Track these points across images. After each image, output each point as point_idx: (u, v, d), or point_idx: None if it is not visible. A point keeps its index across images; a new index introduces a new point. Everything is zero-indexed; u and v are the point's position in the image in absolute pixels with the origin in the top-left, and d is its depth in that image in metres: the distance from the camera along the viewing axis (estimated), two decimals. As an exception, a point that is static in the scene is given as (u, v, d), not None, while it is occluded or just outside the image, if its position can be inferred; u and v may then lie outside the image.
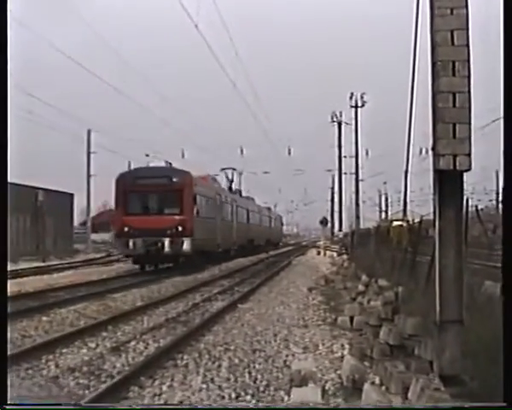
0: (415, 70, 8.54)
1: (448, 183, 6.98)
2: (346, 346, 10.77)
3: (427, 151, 43.24)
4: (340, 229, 61.72)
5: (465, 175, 7.03)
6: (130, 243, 29.34)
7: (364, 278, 20.27)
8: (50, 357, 10.21)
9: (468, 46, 6.89)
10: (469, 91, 6.87)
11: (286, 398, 7.84)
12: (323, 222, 56.94)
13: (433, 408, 6.05)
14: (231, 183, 48.73)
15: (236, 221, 43.70)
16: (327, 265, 35.87)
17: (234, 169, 50.40)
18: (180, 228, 29.53)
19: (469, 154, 6.80)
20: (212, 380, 8.74)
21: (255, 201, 58.63)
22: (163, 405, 7.80)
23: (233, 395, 8.05)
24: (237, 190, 50.28)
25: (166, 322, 14.02)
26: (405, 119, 9.93)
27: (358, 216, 50.22)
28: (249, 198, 55.14)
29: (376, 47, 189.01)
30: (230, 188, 47.65)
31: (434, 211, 7.29)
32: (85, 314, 15.14)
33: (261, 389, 8.33)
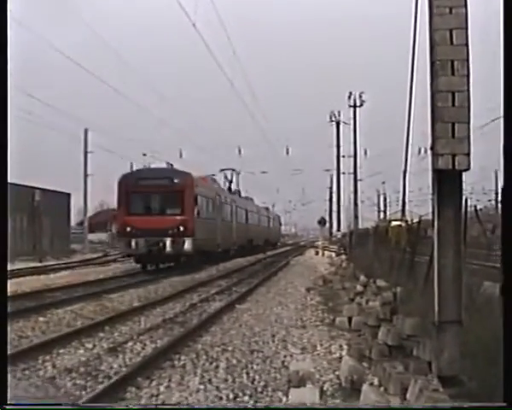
0: (413, 69, 8.54)
1: (447, 183, 6.98)
2: (345, 346, 10.77)
3: (425, 151, 43.30)
4: (339, 229, 61.82)
5: (464, 175, 7.03)
6: (132, 243, 29.78)
7: (363, 279, 20.29)
8: (47, 358, 10.21)
9: (467, 45, 6.89)
10: (468, 91, 6.87)
11: (284, 399, 7.84)
12: (322, 222, 56.97)
13: (432, 408, 6.05)
14: (230, 183, 49.24)
15: (236, 221, 44.16)
16: (325, 265, 35.88)
17: (233, 170, 51.06)
18: (181, 228, 29.99)
19: (468, 153, 6.80)
20: (210, 381, 8.74)
21: (254, 201, 59.09)
22: (163, 405, 7.80)
23: (231, 396, 8.05)
24: (236, 191, 50.76)
25: (164, 322, 14.02)
26: (404, 118, 9.93)
27: (357, 216, 50.13)
28: (248, 198, 55.56)
29: (375, 46, 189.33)
30: (230, 188, 48.12)
31: (433, 211, 7.29)
32: (82, 315, 15.13)
33: (259, 390, 8.33)
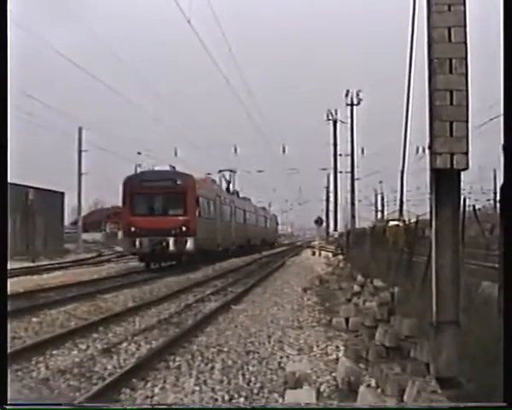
0: (411, 67, 8.53)
1: (445, 182, 6.98)
2: (342, 347, 10.77)
3: (423, 150, 43.27)
4: (336, 229, 61.70)
5: (462, 174, 7.03)
6: (136, 242, 31.14)
7: (360, 279, 20.30)
8: (40, 359, 10.18)
9: (466, 43, 6.89)
10: (467, 89, 6.87)
11: (280, 400, 7.83)
12: (318, 222, 56.98)
13: (429, 409, 6.05)
14: (229, 184, 50.47)
15: (235, 222, 45.25)
16: (322, 265, 35.89)
17: (231, 171, 52.20)
18: (184, 228, 31.35)
19: (467, 152, 6.81)
20: (205, 382, 8.73)
21: (251, 201, 59.89)
22: (162, 405, 7.79)
23: (226, 398, 8.04)
24: (235, 191, 51.77)
25: (158, 323, 13.99)
26: (401, 117, 9.92)
27: (354, 216, 50.14)
28: (246, 199, 56.33)
29: (372, 44, 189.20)
30: (228, 189, 49.27)
31: (431, 211, 7.30)
32: (76, 315, 15.10)
33: (255, 392, 8.32)
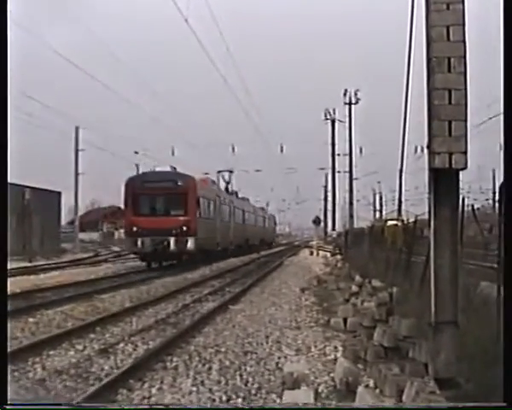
0: (410, 67, 8.53)
1: (443, 182, 6.99)
2: (340, 348, 10.77)
3: (422, 149, 43.24)
4: (334, 228, 61.73)
5: (461, 174, 7.04)
6: (138, 242, 31.93)
7: (358, 279, 20.29)
8: (37, 359, 10.16)
9: (465, 42, 6.89)
10: (465, 88, 6.87)
11: (278, 401, 7.83)
12: (316, 221, 57.00)
13: (428, 409, 6.06)
14: (228, 184, 51.35)
15: (234, 222, 45.97)
16: (320, 265, 35.88)
17: (230, 171, 53.23)
18: (185, 228, 32.22)
19: (465, 152, 6.81)
20: (203, 383, 8.72)
21: (250, 201, 60.31)
22: (162, 405, 7.79)
23: (224, 398, 8.04)
24: (234, 192, 52.48)
25: (156, 323, 13.99)
26: (400, 116, 9.91)
27: (352, 215, 50.21)
28: (244, 199, 56.90)
29: (371, 43, 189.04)
30: (227, 189, 50.10)
31: (429, 210, 7.30)
32: (73, 316, 15.08)
33: (253, 392, 8.32)
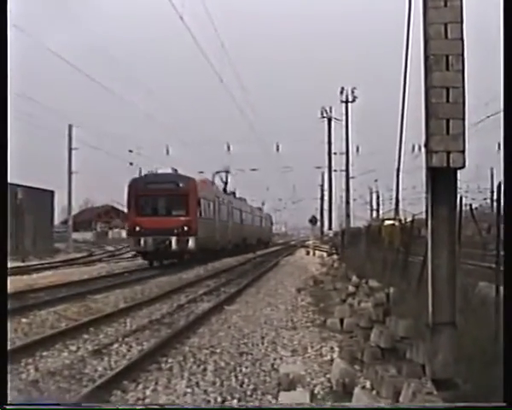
0: (407, 64, 8.55)
1: (441, 181, 6.99)
2: (336, 349, 10.78)
3: (419, 148, 43.35)
4: (330, 228, 61.72)
5: (459, 173, 7.04)
6: (141, 241, 33.37)
7: (355, 279, 20.30)
8: (30, 360, 10.14)
9: (463, 40, 6.89)
10: (463, 86, 6.88)
11: (274, 402, 7.83)
12: (313, 221, 57.09)
13: (425, 409, 6.07)
14: (226, 185, 53.05)
15: (232, 221, 47.31)
16: (316, 265, 35.89)
17: (227, 172, 55.01)
18: (186, 228, 33.56)
19: (463, 151, 6.81)
20: (198, 384, 8.72)
21: (247, 201, 61.23)
22: (162, 405, 7.81)
23: (219, 400, 8.03)
24: (231, 192, 53.78)
25: (150, 324, 13.98)
26: (397, 114, 9.92)
27: (349, 215, 50.13)
28: (242, 199, 57.88)
29: (368, 42, 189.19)
30: (225, 190, 51.56)
31: (427, 210, 7.30)
32: (66, 316, 15.06)
33: (248, 394, 8.32)
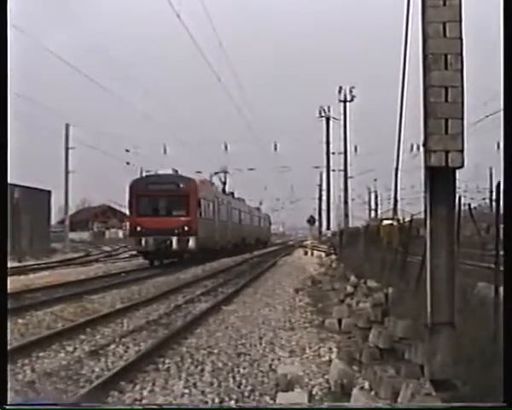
0: (406, 63, 8.54)
1: (440, 180, 6.99)
2: (334, 349, 10.78)
3: (418, 147, 43.30)
4: (328, 228, 61.72)
5: (457, 172, 7.04)
6: (142, 241, 34.17)
7: (353, 279, 20.29)
8: (26, 361, 10.13)
9: (461, 39, 6.89)
10: (462, 86, 6.88)
11: (271, 403, 7.82)
12: (311, 221, 57.10)
13: (423, 409, 6.07)
14: (224, 185, 54.71)
15: (231, 221, 48.14)
16: (314, 265, 35.89)
17: (226, 172, 56.82)
18: (186, 228, 34.45)
19: (462, 150, 6.81)
20: (195, 385, 8.72)
21: (245, 202, 61.86)
22: (163, 405, 7.81)
23: (216, 401, 8.03)
24: (230, 193, 54.78)
25: (147, 324, 13.97)
26: (396, 114, 9.91)
27: (347, 215, 50.16)
28: (240, 199, 58.46)
29: (366, 40, 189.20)
30: (224, 190, 52.97)
31: (425, 209, 7.30)
32: (63, 317, 15.05)
33: (246, 394, 8.31)
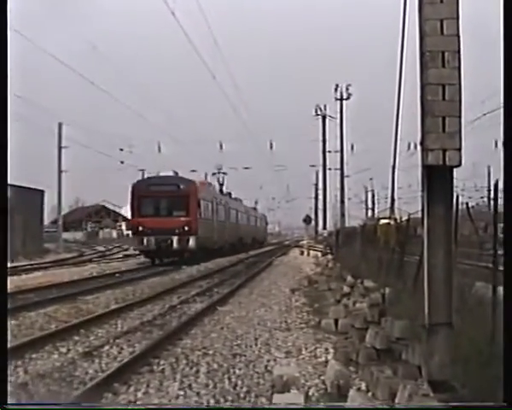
0: (402, 61, 8.54)
1: (437, 179, 6.99)
2: (331, 350, 10.78)
3: (415, 146, 43.32)
4: (325, 227, 61.81)
5: (455, 171, 7.04)
6: (144, 241, 36.00)
7: (350, 279, 20.31)
8: (19, 363, 10.10)
9: (459, 36, 6.89)
10: (460, 83, 6.88)
11: (267, 405, 7.82)
12: (307, 220, 57.15)
13: (423, 409, 6.08)
14: (222, 186, 56.47)
15: (228, 222, 49.50)
16: (310, 265, 35.91)
17: (224, 173, 58.82)
18: (186, 228, 36.17)
19: (459, 148, 6.81)
20: (190, 386, 8.71)
21: (242, 202, 62.82)
22: (163, 405, 7.81)
23: (212, 402, 8.02)
24: (228, 193, 56.14)
25: (142, 325, 13.97)
26: (392, 112, 9.91)
27: (344, 214, 50.18)
28: (237, 200, 59.48)
29: (363, 38, 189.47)
30: (221, 190, 54.53)
31: (423, 209, 7.29)
32: (56, 318, 15.03)
33: (241, 396, 8.30)
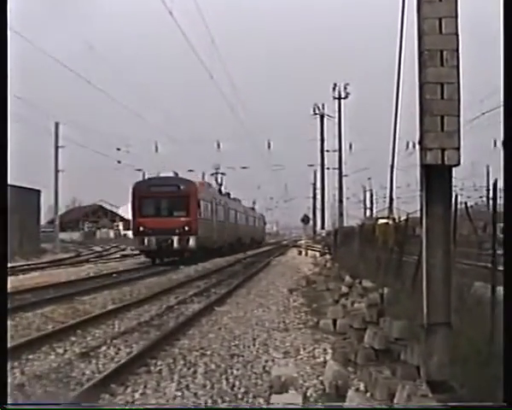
0: (401, 60, 8.54)
1: (436, 178, 6.99)
2: (329, 350, 10.78)
3: (414, 145, 43.36)
4: (323, 227, 61.76)
5: (454, 170, 7.04)
6: (145, 241, 36.66)
7: (348, 279, 20.31)
8: (16, 364, 10.11)
9: (457, 34, 6.89)
10: (458, 82, 6.88)
11: (265, 406, 7.82)
12: (305, 220, 57.13)
13: (418, 409, 6.08)
14: (221, 186, 56.93)
15: (228, 221, 50.10)
16: (308, 265, 35.90)
17: (223, 173, 59.48)
18: (187, 228, 36.83)
19: (458, 148, 6.81)
20: (188, 387, 8.71)
21: (241, 202, 63.59)
22: (163, 405, 7.80)
23: (209, 403, 8.02)
24: (227, 193, 56.68)
25: (139, 326, 13.96)
26: (391, 111, 9.91)
27: (342, 214, 50.21)
28: (236, 200, 60.16)
29: (361, 37, 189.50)
30: (220, 191, 54.89)
31: (421, 208, 7.29)
32: (53, 318, 15.02)
33: (239, 397, 8.30)
